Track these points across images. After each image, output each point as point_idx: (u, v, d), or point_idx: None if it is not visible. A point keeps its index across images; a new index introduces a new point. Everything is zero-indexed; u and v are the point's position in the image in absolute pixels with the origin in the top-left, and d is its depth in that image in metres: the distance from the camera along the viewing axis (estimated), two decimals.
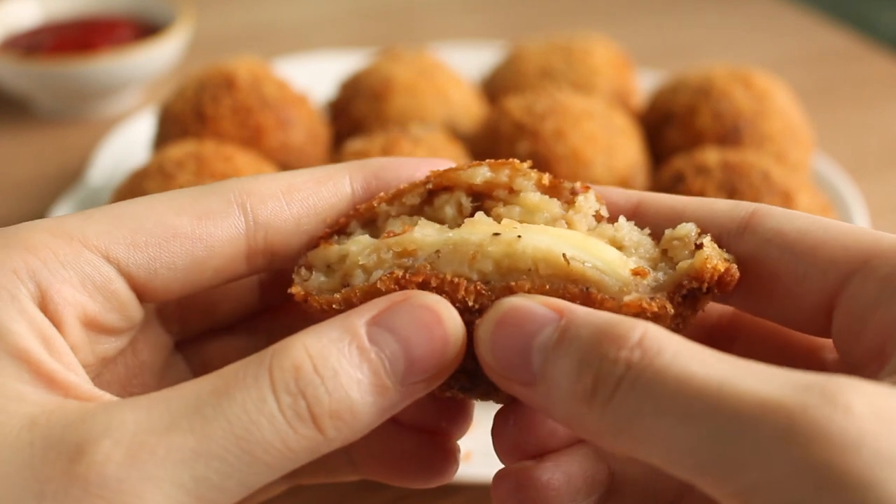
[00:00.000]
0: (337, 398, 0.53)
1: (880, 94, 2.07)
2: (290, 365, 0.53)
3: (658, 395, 0.49)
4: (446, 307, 0.57)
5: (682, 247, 0.62)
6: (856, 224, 1.40)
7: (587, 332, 0.53)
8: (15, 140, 1.84)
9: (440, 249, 0.61)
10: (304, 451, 0.53)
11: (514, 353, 0.55)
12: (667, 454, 0.49)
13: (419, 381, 0.56)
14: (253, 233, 0.63)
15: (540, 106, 1.39)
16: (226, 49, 2.02)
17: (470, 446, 1.10)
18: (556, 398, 0.54)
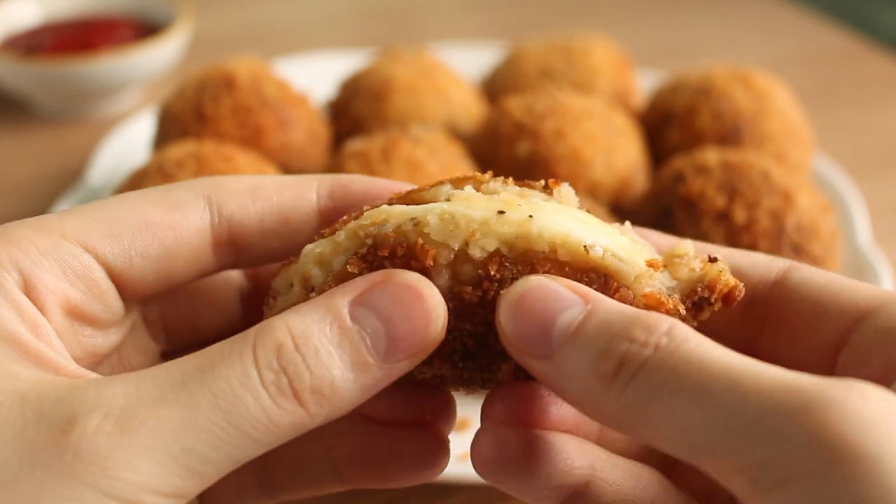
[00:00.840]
0: (318, 375, 0.55)
1: (880, 94, 2.07)
2: (273, 343, 0.54)
3: (680, 374, 0.51)
4: (428, 285, 0.58)
5: (682, 264, 0.63)
6: (855, 224, 1.41)
7: (616, 317, 0.55)
8: (15, 140, 1.84)
9: (416, 217, 0.60)
10: (288, 427, 0.54)
11: (535, 326, 0.56)
12: (678, 432, 0.50)
13: (401, 360, 0.58)
14: (217, 224, 0.66)
15: (540, 106, 1.39)
16: (226, 49, 2.02)
17: (465, 446, 1.09)
18: (574, 376, 0.55)
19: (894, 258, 1.43)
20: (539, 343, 0.56)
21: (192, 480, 0.52)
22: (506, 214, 0.60)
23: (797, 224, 1.21)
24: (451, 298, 0.59)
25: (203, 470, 0.52)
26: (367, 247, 0.60)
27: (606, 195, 1.37)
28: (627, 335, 0.53)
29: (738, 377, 0.49)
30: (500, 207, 0.60)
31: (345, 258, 0.61)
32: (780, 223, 1.20)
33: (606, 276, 0.59)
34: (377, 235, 0.60)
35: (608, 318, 0.55)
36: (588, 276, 0.59)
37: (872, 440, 0.45)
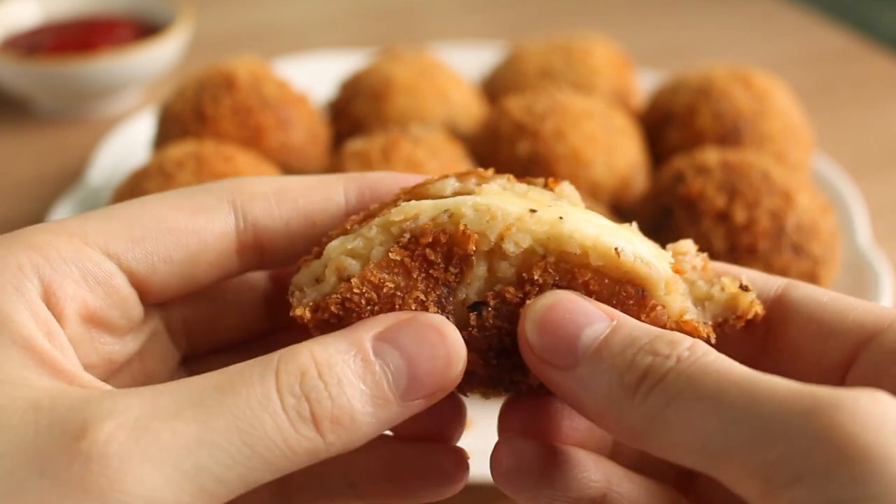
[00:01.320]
0: (339, 404, 0.54)
1: (880, 94, 2.07)
2: (296, 369, 0.54)
3: (698, 383, 0.52)
4: (451, 327, 0.59)
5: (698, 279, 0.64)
6: (856, 224, 1.41)
7: (641, 333, 0.57)
8: (15, 140, 1.85)
9: (450, 209, 0.61)
10: (304, 453, 0.54)
11: (560, 338, 0.58)
12: (694, 439, 0.51)
13: (419, 398, 0.58)
14: (243, 229, 0.65)
15: (540, 106, 1.39)
16: (226, 49, 2.02)
17: (470, 446, 1.09)
18: (596, 388, 0.56)
19: (894, 258, 1.43)
20: (563, 354, 0.58)
21: (202, 500, 0.51)
22: (538, 213, 0.61)
23: (797, 224, 1.21)
24: (494, 296, 0.61)
25: (214, 490, 0.51)
26: (407, 238, 0.60)
27: (606, 195, 1.37)
28: (652, 349, 0.55)
29: (754, 386, 0.51)
30: (531, 206, 0.61)
31: (383, 248, 0.61)
32: (780, 223, 1.20)
33: (644, 291, 0.60)
34: (415, 228, 0.61)
35: (634, 333, 0.57)
36: (625, 291, 0.60)
37: (882, 440, 0.46)
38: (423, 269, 0.60)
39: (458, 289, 0.61)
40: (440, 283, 0.61)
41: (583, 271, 0.60)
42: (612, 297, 0.60)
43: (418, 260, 0.60)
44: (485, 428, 1.13)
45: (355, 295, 0.60)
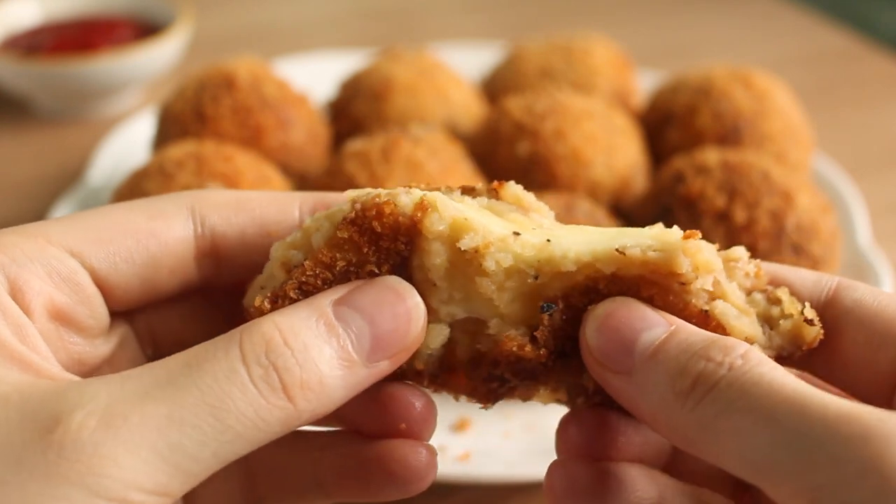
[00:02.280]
0: (308, 370, 0.55)
1: (880, 94, 2.07)
2: (261, 339, 0.55)
3: (749, 394, 0.53)
4: (408, 287, 0.60)
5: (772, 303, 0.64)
6: (856, 224, 1.41)
7: (697, 338, 0.57)
8: (15, 140, 1.85)
9: (391, 192, 0.61)
10: (276, 422, 0.54)
11: (618, 342, 0.59)
12: (743, 451, 0.52)
13: (384, 359, 0.59)
14: (201, 234, 0.67)
15: (540, 106, 1.39)
16: (226, 49, 2.02)
17: (469, 446, 1.10)
18: (650, 392, 0.57)
19: (894, 258, 1.43)
20: (621, 358, 0.59)
21: (178, 478, 0.52)
22: (522, 237, 0.62)
23: (797, 224, 1.21)
24: (567, 305, 0.62)
25: (189, 467, 0.52)
26: (355, 211, 0.61)
27: (606, 195, 1.37)
28: (705, 354, 0.55)
29: (805, 403, 0.51)
30: (514, 228, 0.63)
31: (329, 229, 0.62)
32: (780, 223, 1.20)
33: (708, 311, 0.61)
34: (366, 200, 0.61)
35: (689, 338, 0.57)
36: (691, 311, 0.61)
37: None
38: (373, 242, 0.61)
39: (413, 259, 0.61)
40: (392, 253, 0.62)
41: (648, 287, 0.61)
42: (676, 314, 0.61)
43: (367, 234, 0.61)
44: (485, 428, 1.14)
45: (310, 277, 0.61)
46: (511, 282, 0.63)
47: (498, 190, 0.66)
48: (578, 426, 0.66)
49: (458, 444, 1.10)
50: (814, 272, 0.67)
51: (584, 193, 1.34)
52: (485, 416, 1.15)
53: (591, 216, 1.22)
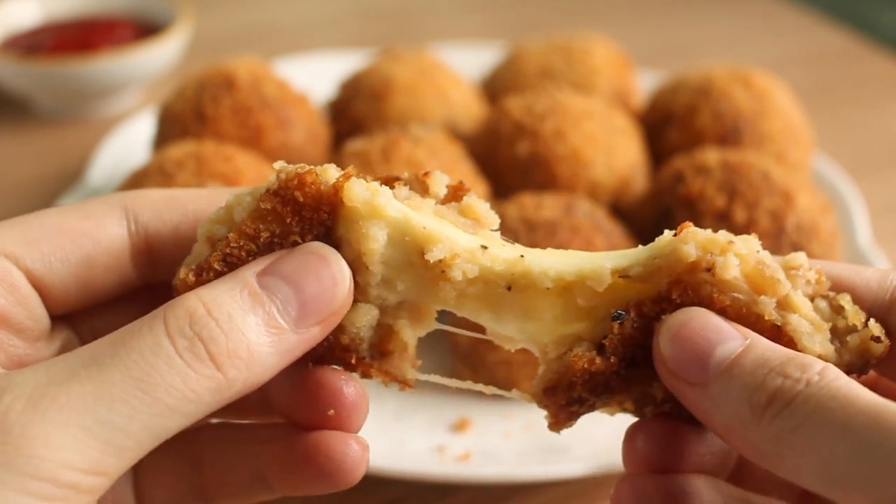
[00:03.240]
0: (234, 339, 0.55)
1: (880, 94, 2.07)
2: (184, 313, 0.55)
3: (826, 409, 0.53)
4: (331, 251, 0.61)
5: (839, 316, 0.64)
6: (856, 224, 1.41)
7: (773, 354, 0.58)
8: (15, 140, 1.84)
9: (314, 168, 0.62)
10: (207, 392, 0.55)
11: (693, 354, 0.59)
12: (819, 464, 0.53)
13: (313, 324, 0.59)
14: (134, 232, 0.67)
15: (540, 106, 1.39)
16: (226, 49, 2.02)
17: (469, 446, 1.10)
18: (726, 405, 0.57)
19: (894, 258, 1.43)
20: (695, 370, 0.59)
21: (111, 455, 0.52)
22: (491, 251, 0.64)
23: (797, 224, 1.21)
24: (638, 314, 0.63)
25: (121, 443, 0.52)
26: (278, 182, 0.62)
27: (606, 195, 1.37)
28: (783, 371, 0.56)
29: (879, 414, 0.51)
30: (482, 242, 0.64)
31: (251, 201, 0.62)
32: (780, 223, 1.20)
33: (781, 326, 0.61)
34: (289, 171, 0.62)
35: (766, 354, 0.58)
36: (763, 325, 0.61)
37: None
38: (296, 212, 0.61)
39: (338, 227, 0.61)
40: (316, 223, 0.62)
41: (720, 300, 0.61)
42: (748, 327, 0.61)
43: (289, 204, 0.61)
44: (485, 428, 1.14)
45: (234, 248, 0.61)
46: (473, 288, 0.63)
47: (425, 181, 0.66)
48: (646, 436, 0.66)
49: (458, 444, 1.10)
50: (877, 270, 0.67)
51: (584, 193, 1.34)
52: (485, 416, 1.15)
53: (591, 216, 1.22)
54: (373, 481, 1.07)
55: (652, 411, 0.65)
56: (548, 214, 1.19)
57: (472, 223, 0.66)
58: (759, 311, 0.61)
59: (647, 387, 0.64)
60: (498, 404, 1.16)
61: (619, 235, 1.23)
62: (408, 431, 1.12)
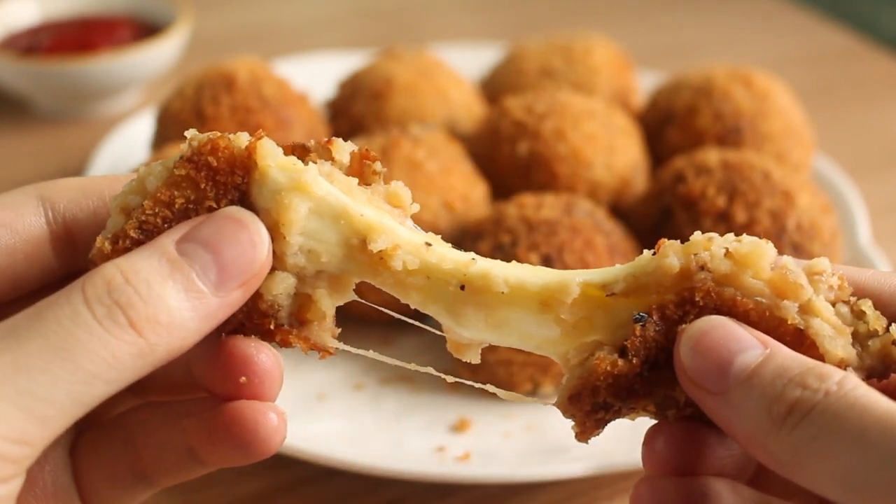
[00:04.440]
0: (153, 304, 0.56)
1: (880, 94, 2.07)
2: (102, 281, 0.56)
3: (842, 418, 0.53)
4: (250, 215, 0.61)
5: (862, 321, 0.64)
6: (856, 223, 1.41)
7: (792, 363, 0.58)
8: (15, 140, 1.84)
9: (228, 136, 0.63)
10: (129, 357, 0.55)
11: (713, 362, 0.59)
12: (836, 474, 0.53)
13: (234, 287, 0.59)
14: (52, 219, 0.66)
15: (540, 106, 1.39)
16: (225, 49, 2.02)
17: (469, 446, 1.10)
18: (745, 414, 0.58)
19: (894, 258, 1.43)
20: (715, 379, 0.59)
21: (35, 424, 0.52)
22: (434, 248, 0.64)
23: (798, 224, 1.21)
24: (656, 310, 0.63)
25: (44, 411, 0.52)
26: (191, 148, 0.62)
27: (606, 195, 1.37)
28: (802, 382, 0.56)
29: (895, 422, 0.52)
30: (426, 239, 0.65)
31: (163, 170, 0.62)
32: (780, 223, 1.20)
33: (803, 329, 0.61)
34: (202, 137, 0.62)
35: (785, 363, 0.58)
36: (784, 327, 0.61)
37: None
38: (210, 177, 0.62)
39: (254, 191, 0.62)
40: (230, 188, 0.62)
41: (742, 304, 0.61)
42: (771, 331, 0.61)
43: (203, 169, 0.62)
44: (485, 428, 1.14)
45: (149, 216, 0.61)
46: (414, 280, 0.64)
47: (329, 148, 0.65)
48: (667, 438, 0.66)
49: (458, 444, 1.10)
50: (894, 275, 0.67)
51: (584, 193, 1.34)
52: (485, 416, 1.15)
53: (591, 216, 1.22)
54: (373, 481, 1.07)
55: (675, 415, 0.65)
56: (548, 214, 1.19)
57: (399, 212, 0.66)
58: (782, 315, 0.61)
59: (669, 390, 0.64)
60: (498, 404, 1.16)
61: (619, 235, 1.23)
62: (408, 431, 1.12)
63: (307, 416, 1.14)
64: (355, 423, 1.14)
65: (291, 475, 1.09)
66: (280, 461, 1.09)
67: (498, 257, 0.67)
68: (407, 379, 1.20)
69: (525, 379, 1.15)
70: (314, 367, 1.23)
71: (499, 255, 1.14)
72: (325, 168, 0.64)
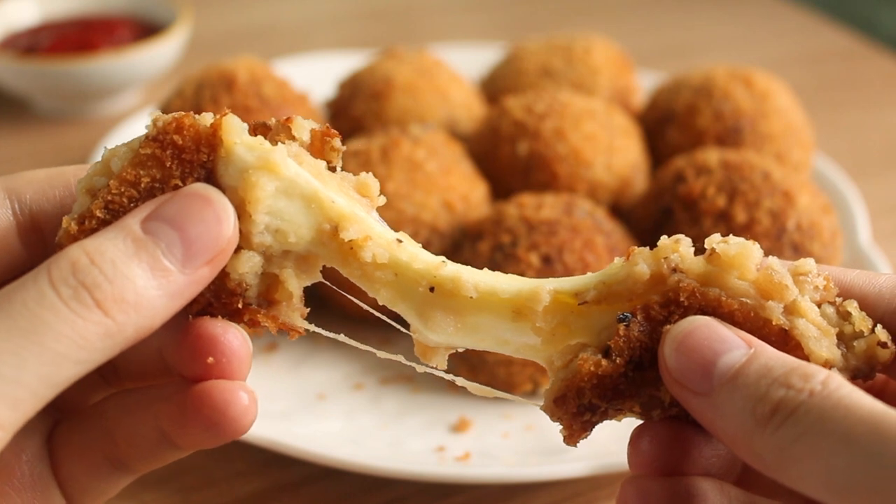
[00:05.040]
0: (119, 284, 0.56)
1: (880, 94, 2.07)
2: (67, 262, 0.56)
3: (827, 419, 0.53)
4: (214, 191, 0.61)
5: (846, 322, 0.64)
6: (856, 223, 1.41)
7: (776, 363, 0.57)
8: (15, 140, 1.84)
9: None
10: (96, 338, 0.55)
11: (697, 363, 0.59)
12: (822, 474, 0.53)
13: (201, 264, 0.59)
14: (19, 211, 0.66)
15: (540, 105, 1.39)
16: (225, 49, 2.02)
17: (469, 446, 1.10)
18: (730, 414, 0.57)
19: (894, 258, 1.43)
20: (699, 380, 0.59)
21: (7, 407, 0.52)
22: (405, 245, 0.65)
23: (797, 224, 1.21)
24: (641, 310, 0.63)
25: (13, 393, 0.52)
26: (156, 128, 0.62)
27: (606, 195, 1.37)
28: (786, 381, 0.56)
29: (881, 424, 0.52)
30: (397, 236, 0.65)
31: (128, 151, 0.62)
32: (780, 223, 1.20)
33: (786, 334, 0.61)
34: (166, 117, 0.62)
35: (769, 363, 0.57)
36: (770, 330, 0.61)
37: None
38: (175, 155, 0.62)
39: (220, 169, 0.61)
40: (196, 166, 0.62)
41: (728, 305, 0.61)
42: (756, 331, 0.61)
43: (169, 148, 0.62)
44: (485, 428, 1.14)
45: (115, 196, 0.61)
46: (382, 274, 0.65)
47: (288, 126, 0.65)
48: (651, 439, 0.66)
49: (458, 445, 1.10)
50: (890, 277, 0.66)
51: (584, 193, 1.34)
52: (485, 416, 1.15)
53: (591, 216, 1.22)
54: (373, 481, 1.07)
55: (659, 415, 0.65)
56: (548, 214, 1.19)
57: (367, 202, 0.66)
58: (766, 315, 0.61)
59: (654, 390, 0.64)
60: (498, 405, 1.16)
61: (619, 235, 1.23)
62: (408, 431, 1.12)
63: (307, 416, 1.14)
64: (355, 423, 1.14)
65: (291, 475, 1.09)
66: (280, 461, 1.09)
67: (498, 257, 0.67)
68: (407, 379, 1.20)
69: (525, 379, 1.15)
70: (314, 367, 1.23)
71: (499, 254, 1.14)
72: (293, 149, 0.64)
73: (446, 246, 1.23)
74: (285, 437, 1.06)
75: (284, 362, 1.24)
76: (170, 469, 0.75)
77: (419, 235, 1.23)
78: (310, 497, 1.07)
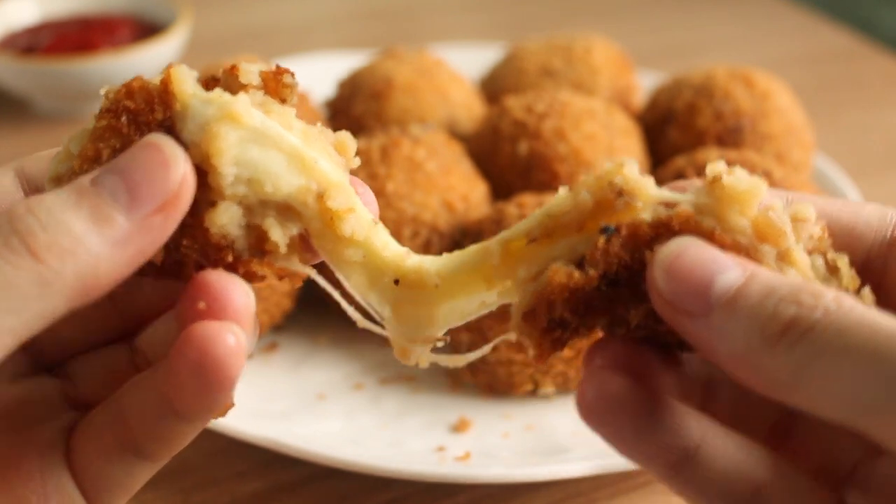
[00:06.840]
0: (54, 230, 0.54)
1: (880, 94, 2.07)
2: (4, 217, 0.55)
3: (848, 335, 0.52)
4: (165, 139, 0.59)
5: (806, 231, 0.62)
6: None
7: (781, 283, 0.55)
8: (15, 140, 1.84)
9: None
10: (28, 284, 0.53)
11: (692, 283, 0.57)
12: (843, 392, 0.51)
13: (151, 212, 0.57)
14: (26, 187, 0.66)
15: (540, 105, 1.39)
16: (225, 49, 2.02)
17: (469, 446, 1.10)
18: (732, 335, 0.55)
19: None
20: (695, 301, 0.56)
21: None
22: (380, 229, 0.64)
23: None
24: (630, 233, 0.60)
25: None
26: (108, 99, 0.61)
27: None
28: (795, 299, 0.54)
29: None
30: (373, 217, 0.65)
31: (84, 132, 0.62)
32: None
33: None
34: (115, 86, 0.61)
35: (772, 282, 0.56)
36: (756, 258, 0.59)
37: None
38: (131, 121, 0.61)
39: (178, 126, 0.60)
40: (154, 126, 0.61)
41: (721, 236, 0.59)
42: None
43: (123, 114, 0.61)
44: (485, 428, 1.14)
45: (80, 174, 0.60)
46: (351, 253, 0.63)
47: (235, 74, 0.65)
48: (604, 358, 0.62)
49: (458, 444, 1.10)
50: (877, 207, 0.65)
51: None
52: (485, 416, 1.15)
53: None
54: (373, 481, 1.07)
55: (624, 335, 0.62)
56: None
57: (343, 161, 0.65)
58: (758, 258, 0.59)
59: (624, 310, 0.61)
60: (498, 404, 1.16)
61: None
62: (408, 431, 1.12)
63: (307, 416, 1.14)
64: (355, 423, 1.14)
65: (291, 475, 1.09)
66: (280, 461, 1.09)
67: None
68: (407, 379, 1.20)
69: (525, 379, 1.15)
70: (314, 367, 1.23)
71: None
72: (257, 98, 0.63)
73: (446, 246, 1.23)
74: (285, 437, 1.06)
75: (284, 362, 1.24)
76: (170, 469, 0.75)
77: (419, 235, 1.23)
78: (310, 497, 1.07)
